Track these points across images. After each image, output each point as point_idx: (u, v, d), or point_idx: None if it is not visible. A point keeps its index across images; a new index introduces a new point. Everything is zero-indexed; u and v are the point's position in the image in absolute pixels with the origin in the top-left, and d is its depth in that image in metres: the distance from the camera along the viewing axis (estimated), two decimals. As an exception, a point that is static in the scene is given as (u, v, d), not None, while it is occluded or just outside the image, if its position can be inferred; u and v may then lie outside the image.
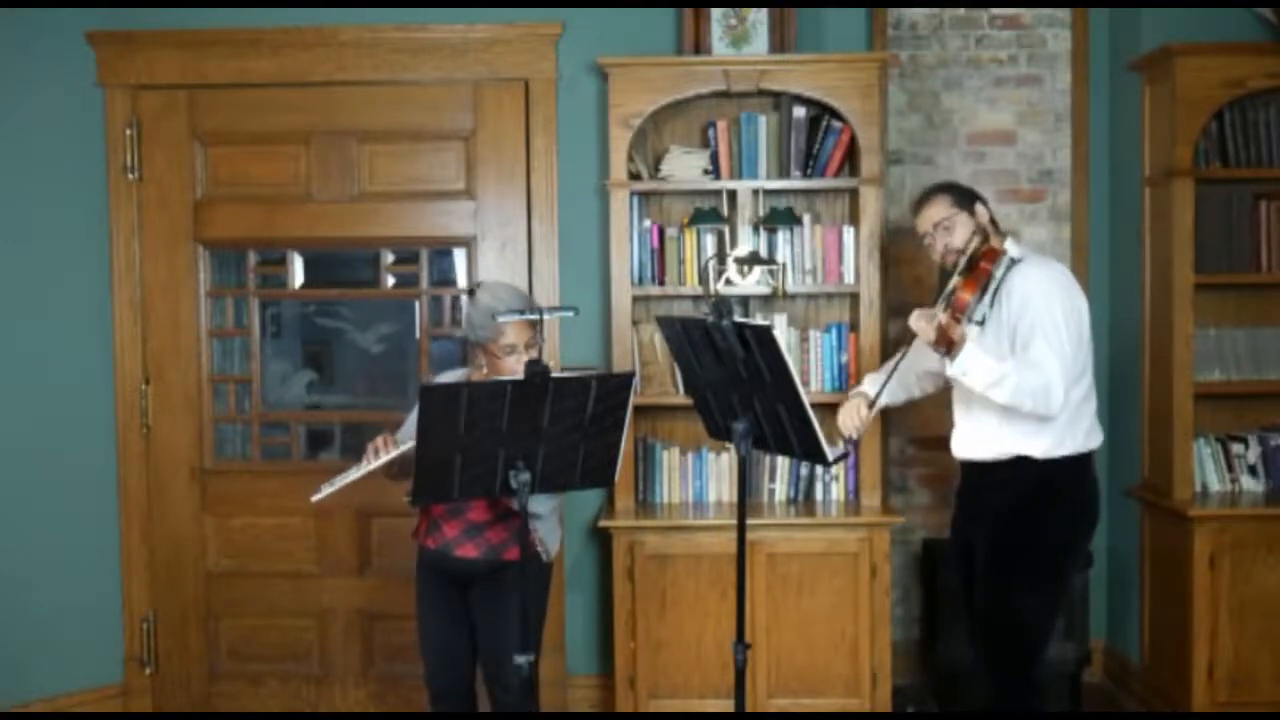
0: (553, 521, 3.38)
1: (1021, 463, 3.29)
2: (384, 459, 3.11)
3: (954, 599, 3.85)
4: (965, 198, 3.41)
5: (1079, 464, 3.33)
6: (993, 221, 3.43)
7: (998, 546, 3.34)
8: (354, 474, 3.12)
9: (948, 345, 3.16)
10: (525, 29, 4.48)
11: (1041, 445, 3.27)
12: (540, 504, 3.26)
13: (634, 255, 4.32)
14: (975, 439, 3.40)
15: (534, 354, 3.21)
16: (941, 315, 3.19)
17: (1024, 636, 3.31)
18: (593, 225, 4.52)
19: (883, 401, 3.47)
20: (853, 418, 3.40)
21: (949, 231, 3.37)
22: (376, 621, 4.62)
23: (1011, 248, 3.33)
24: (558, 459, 2.93)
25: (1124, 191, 4.63)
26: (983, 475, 3.41)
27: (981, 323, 3.29)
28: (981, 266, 3.25)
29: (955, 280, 3.26)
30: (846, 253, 4.33)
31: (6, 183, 4.35)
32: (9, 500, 4.37)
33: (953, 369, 3.21)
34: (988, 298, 3.27)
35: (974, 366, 3.16)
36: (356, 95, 4.54)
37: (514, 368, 3.16)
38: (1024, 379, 3.14)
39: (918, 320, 3.23)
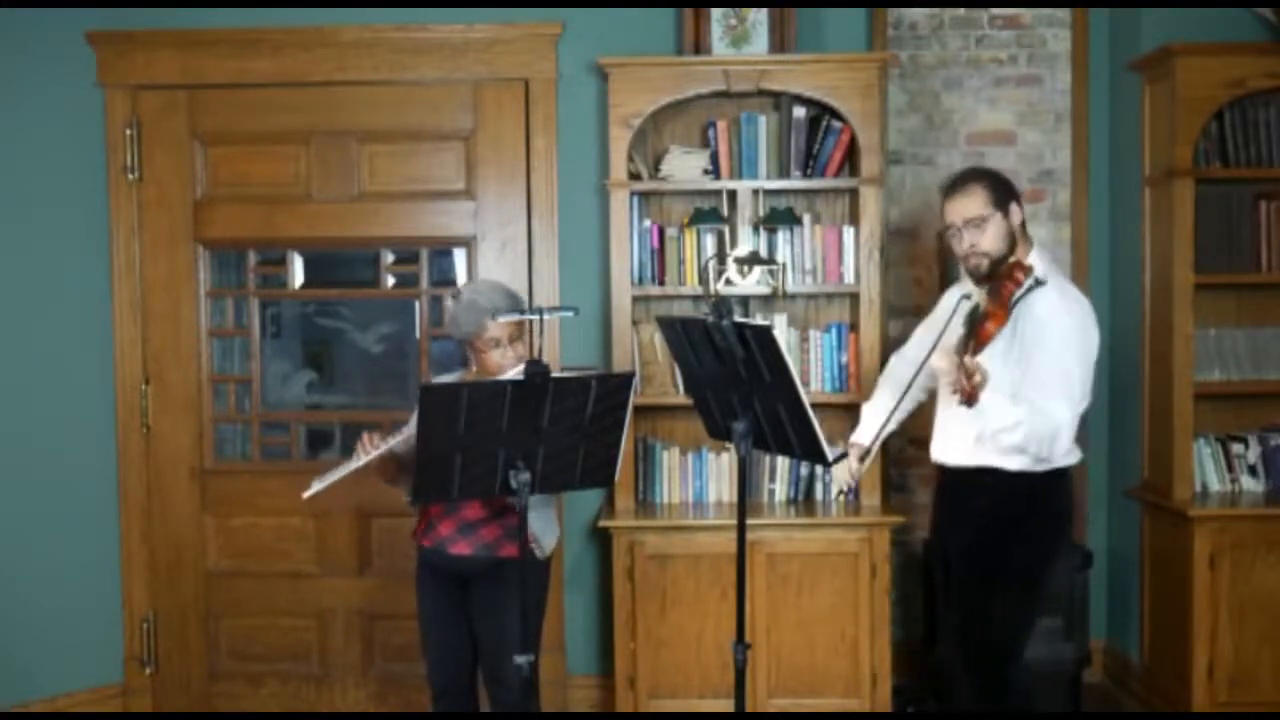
0: (548, 517, 3.38)
1: (995, 472, 3.24)
2: (374, 454, 3.12)
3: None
4: (1003, 195, 3.24)
5: (1055, 477, 3.26)
6: (1022, 224, 3.30)
7: (972, 555, 3.31)
8: (343, 470, 3.13)
9: (969, 398, 2.99)
10: (525, 29, 4.48)
11: (1016, 462, 3.20)
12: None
13: (634, 255, 4.32)
14: (952, 445, 3.35)
15: (520, 348, 3.22)
16: (968, 361, 2.94)
17: (999, 644, 3.28)
18: (593, 225, 4.52)
19: (877, 445, 3.44)
20: (844, 475, 3.48)
21: (979, 231, 3.21)
22: (376, 621, 4.62)
23: (1036, 262, 3.22)
24: (558, 459, 2.93)
25: (1124, 191, 4.63)
26: (957, 481, 3.38)
27: None
28: (1006, 289, 3.08)
29: (980, 306, 3.09)
30: (846, 253, 4.33)
31: (6, 183, 4.35)
32: (9, 500, 4.37)
33: (968, 411, 3.08)
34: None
35: (990, 410, 3.05)
36: (356, 95, 4.54)
37: (500, 362, 3.18)
38: (1035, 425, 3.06)
39: (941, 361, 3.11)
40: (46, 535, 4.43)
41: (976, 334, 3.01)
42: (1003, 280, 3.11)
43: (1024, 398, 3.10)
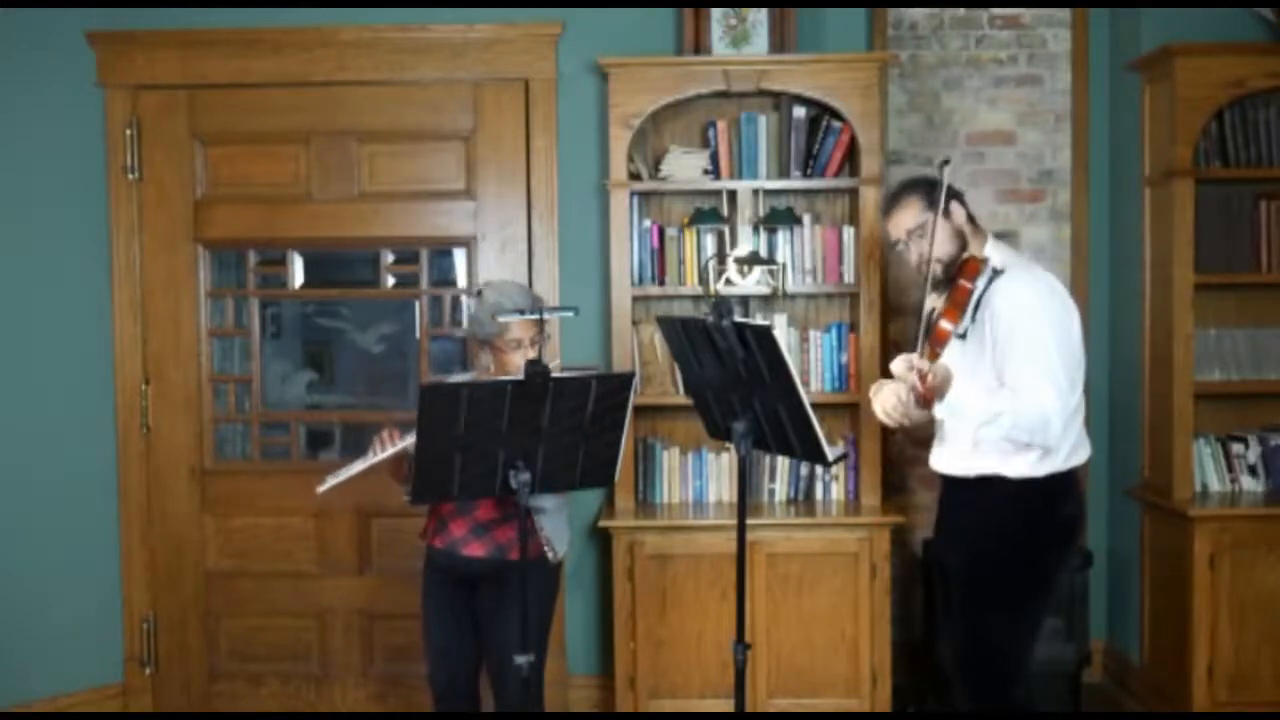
0: (560, 519, 3.38)
1: (991, 482, 3.12)
2: (391, 451, 3.11)
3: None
4: (938, 197, 3.12)
5: (1056, 485, 3.12)
6: (970, 219, 3.21)
7: (967, 569, 3.21)
8: (360, 465, 3.12)
9: (925, 400, 2.98)
10: (525, 29, 4.48)
11: (1018, 466, 3.09)
12: (546, 499, 3.26)
13: (634, 255, 4.32)
14: (951, 453, 3.25)
15: (541, 349, 3.22)
16: (920, 362, 2.97)
17: (998, 661, 3.18)
18: (593, 225, 4.52)
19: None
20: (892, 400, 3.10)
21: (924, 239, 3.13)
22: (376, 621, 4.62)
23: (993, 252, 3.15)
24: (558, 459, 2.93)
25: (1124, 191, 4.63)
26: (955, 491, 3.28)
27: (963, 335, 3.07)
28: (961, 286, 3.03)
29: (934, 306, 3.09)
30: (846, 253, 4.33)
31: (6, 182, 4.35)
32: (9, 500, 4.37)
33: (941, 409, 3.05)
34: (969, 311, 3.07)
35: (964, 406, 3.02)
36: (356, 95, 4.54)
37: (521, 363, 3.17)
38: (1019, 413, 2.96)
39: (899, 365, 3.05)
40: (46, 535, 4.43)
41: (931, 336, 3.02)
42: (956, 280, 3.06)
43: (1005, 389, 3.02)
